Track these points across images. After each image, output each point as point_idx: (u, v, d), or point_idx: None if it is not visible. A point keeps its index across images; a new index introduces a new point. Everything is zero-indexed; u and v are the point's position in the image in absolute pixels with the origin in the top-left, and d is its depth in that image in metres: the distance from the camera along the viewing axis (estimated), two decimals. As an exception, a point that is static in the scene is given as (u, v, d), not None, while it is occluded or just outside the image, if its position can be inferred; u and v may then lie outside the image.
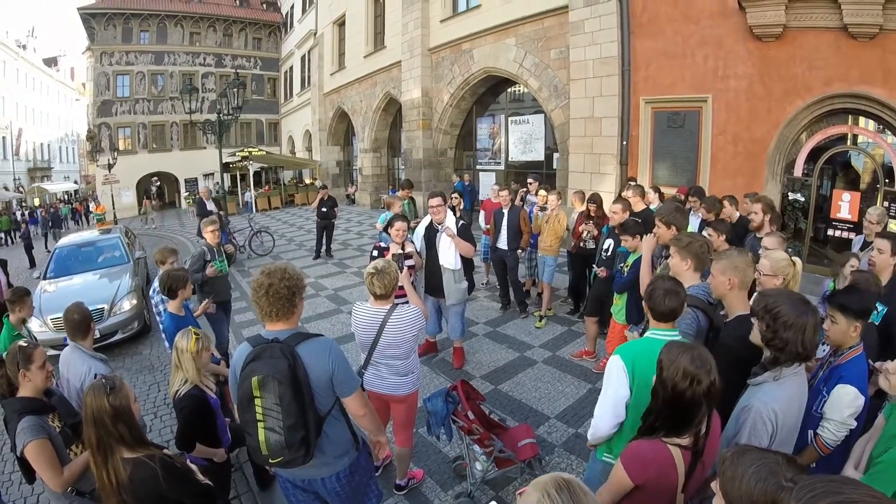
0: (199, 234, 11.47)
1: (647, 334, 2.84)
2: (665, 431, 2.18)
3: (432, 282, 6.33)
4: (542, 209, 8.22)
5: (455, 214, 7.63)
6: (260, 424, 2.53)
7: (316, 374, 2.61)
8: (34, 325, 7.56)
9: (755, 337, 2.52)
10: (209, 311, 6.00)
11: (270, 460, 2.58)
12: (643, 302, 2.99)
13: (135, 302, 8.76)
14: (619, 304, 5.42)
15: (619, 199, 6.38)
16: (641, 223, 5.52)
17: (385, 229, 6.12)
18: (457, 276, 6.22)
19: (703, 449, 2.17)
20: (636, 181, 8.87)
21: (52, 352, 7.33)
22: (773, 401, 2.32)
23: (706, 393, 2.09)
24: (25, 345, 3.10)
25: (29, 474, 3.00)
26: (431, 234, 6.29)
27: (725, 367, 2.81)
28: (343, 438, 2.85)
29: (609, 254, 6.14)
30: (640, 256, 5.03)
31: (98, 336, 7.71)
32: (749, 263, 3.04)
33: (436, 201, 6.23)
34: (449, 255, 6.13)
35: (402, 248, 5.76)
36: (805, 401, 2.55)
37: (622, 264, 5.50)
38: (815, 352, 2.52)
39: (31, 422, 2.90)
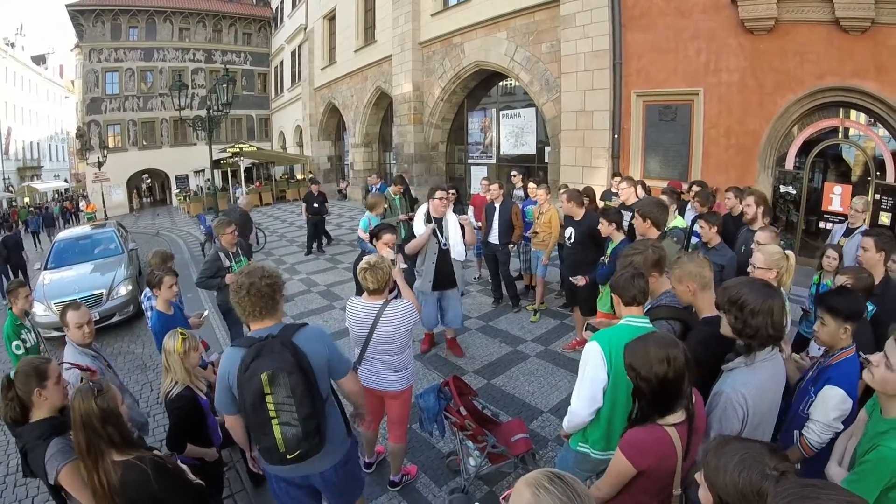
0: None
1: (621, 321, 2.95)
2: (659, 414, 2.25)
3: (441, 275, 6.37)
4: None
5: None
6: (274, 422, 2.53)
7: (315, 360, 2.67)
8: (39, 309, 8.51)
9: (725, 329, 2.58)
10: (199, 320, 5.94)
11: (288, 456, 2.59)
12: (611, 292, 3.13)
13: (130, 288, 9.64)
14: (603, 295, 5.43)
15: (569, 189, 6.65)
16: (619, 212, 5.63)
17: (370, 240, 5.71)
18: (460, 263, 6.52)
19: (694, 419, 2.26)
20: (621, 175, 8.91)
21: (55, 333, 8.03)
22: (743, 385, 2.39)
23: (686, 363, 2.20)
24: (37, 362, 2.91)
25: (62, 500, 2.85)
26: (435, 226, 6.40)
27: None
28: (339, 425, 2.96)
29: (572, 241, 6.33)
30: (619, 245, 5.07)
31: (97, 318, 8.20)
32: (702, 265, 3.06)
33: (441, 194, 6.32)
34: (458, 245, 6.34)
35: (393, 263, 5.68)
36: (782, 386, 2.61)
37: (603, 256, 5.53)
38: (785, 332, 2.56)
39: (59, 444, 2.71)
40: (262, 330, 2.73)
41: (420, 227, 6.41)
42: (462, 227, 6.37)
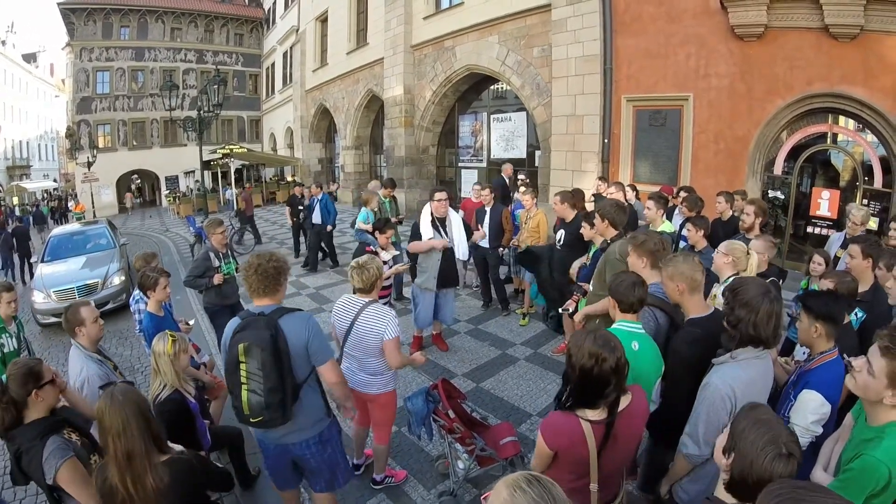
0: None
1: (614, 325, 2.99)
2: (578, 406, 2.31)
3: (444, 273, 6.46)
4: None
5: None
6: (244, 387, 2.91)
7: (294, 343, 2.97)
8: (39, 297, 9.43)
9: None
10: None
11: (251, 420, 2.97)
12: (609, 296, 3.14)
13: (123, 278, 10.40)
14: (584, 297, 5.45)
15: (560, 192, 6.70)
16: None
17: (372, 232, 6.17)
18: (463, 262, 7.02)
19: (613, 423, 2.28)
20: (607, 179, 8.97)
21: (53, 319, 8.62)
22: (732, 379, 2.45)
23: (613, 369, 2.22)
24: (31, 363, 2.86)
25: (56, 501, 2.78)
26: (439, 225, 6.54)
27: (679, 374, 2.86)
28: (316, 406, 3.21)
29: (562, 242, 6.40)
30: (600, 248, 5.09)
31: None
32: (695, 267, 3.05)
33: (441, 195, 6.49)
34: (462, 244, 6.65)
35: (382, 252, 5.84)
36: (769, 387, 2.67)
37: (585, 260, 5.57)
38: (773, 340, 2.57)
39: (56, 442, 2.68)
40: (258, 307, 3.08)
41: (427, 228, 6.46)
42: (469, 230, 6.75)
